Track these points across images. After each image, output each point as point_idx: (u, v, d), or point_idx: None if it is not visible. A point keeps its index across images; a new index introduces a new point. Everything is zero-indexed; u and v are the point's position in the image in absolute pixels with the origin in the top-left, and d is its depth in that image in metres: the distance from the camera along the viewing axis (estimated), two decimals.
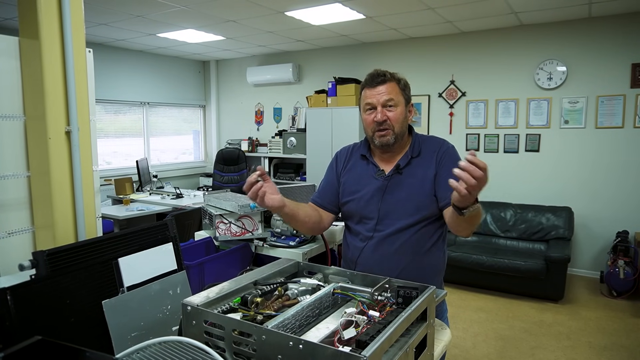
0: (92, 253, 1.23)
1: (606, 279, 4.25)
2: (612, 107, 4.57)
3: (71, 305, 1.14)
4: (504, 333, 3.52)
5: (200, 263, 1.77)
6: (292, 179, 6.46)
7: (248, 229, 2.15)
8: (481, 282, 4.40)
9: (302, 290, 1.27)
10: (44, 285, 1.09)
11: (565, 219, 4.59)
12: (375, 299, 1.20)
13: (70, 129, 1.60)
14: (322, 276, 1.41)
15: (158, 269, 1.39)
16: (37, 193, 1.61)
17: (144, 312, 1.29)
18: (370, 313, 1.10)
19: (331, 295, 1.22)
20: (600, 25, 4.55)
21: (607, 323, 3.67)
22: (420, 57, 5.58)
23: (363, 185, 1.67)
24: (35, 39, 1.53)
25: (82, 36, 1.59)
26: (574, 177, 4.81)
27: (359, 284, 1.33)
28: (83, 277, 1.18)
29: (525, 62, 4.95)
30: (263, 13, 4.42)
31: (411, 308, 1.09)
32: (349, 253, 1.72)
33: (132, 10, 4.37)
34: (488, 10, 4.32)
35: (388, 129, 1.59)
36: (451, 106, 5.44)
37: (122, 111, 6.44)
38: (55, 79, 1.55)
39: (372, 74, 1.64)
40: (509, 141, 5.12)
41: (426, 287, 1.21)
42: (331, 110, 5.75)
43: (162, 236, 1.46)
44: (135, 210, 4.55)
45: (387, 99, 1.59)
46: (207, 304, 1.11)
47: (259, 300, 1.16)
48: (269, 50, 6.51)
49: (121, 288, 1.27)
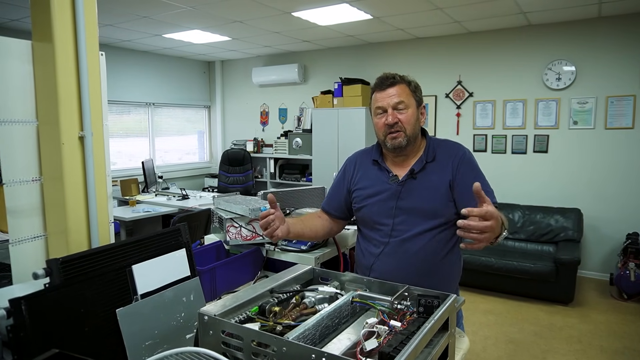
0: (106, 260, 1.21)
1: (616, 282, 4.21)
2: (622, 107, 4.52)
3: (86, 314, 1.12)
4: (514, 336, 3.48)
5: (212, 268, 1.74)
6: (298, 180, 6.44)
7: (259, 232, 2.12)
8: (490, 284, 4.36)
9: (319, 298, 1.24)
10: (59, 294, 1.07)
11: (574, 220, 4.55)
12: (395, 307, 1.17)
13: (84, 134, 1.58)
14: (339, 283, 1.38)
15: (172, 276, 1.37)
16: (50, 199, 1.58)
17: (158, 320, 1.27)
18: (392, 323, 1.07)
19: (350, 303, 1.20)
20: (610, 24, 4.50)
21: (618, 326, 3.63)
22: (427, 57, 5.54)
23: (376, 191, 1.64)
24: (49, 42, 1.50)
25: (95, 39, 1.56)
26: (583, 178, 4.77)
27: (377, 292, 1.30)
28: (97, 285, 1.16)
29: (533, 63, 4.91)
30: (270, 14, 4.39)
31: (434, 318, 1.06)
32: (363, 259, 1.69)
33: (138, 11, 4.36)
34: (497, 10, 4.28)
35: (400, 130, 1.56)
36: (458, 107, 5.40)
37: (127, 111, 6.43)
38: (69, 83, 1.52)
39: (382, 77, 1.62)
40: (517, 142, 5.08)
41: (447, 296, 1.19)
42: (337, 111, 5.73)
43: (175, 242, 1.44)
44: (141, 212, 4.53)
45: (398, 101, 1.56)
46: (224, 313, 1.08)
47: (277, 309, 1.13)
48: (275, 51, 6.49)
49: (135, 296, 1.25)
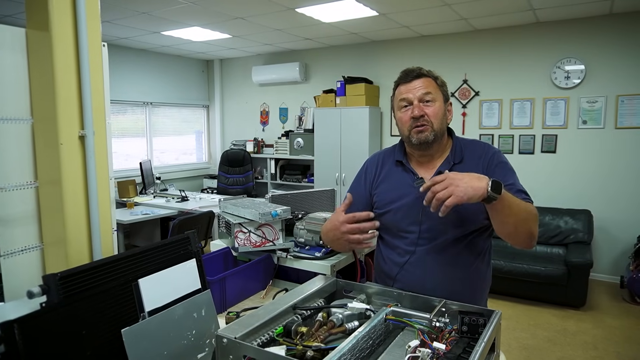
0: (110, 274, 1.08)
1: (629, 285, 4.10)
2: (633, 106, 4.42)
3: (88, 337, 0.99)
4: (527, 342, 3.37)
5: (221, 278, 1.62)
6: (299, 181, 6.31)
7: (269, 238, 2.00)
8: (500, 288, 4.23)
9: (347, 315, 1.12)
10: (57, 315, 0.94)
11: (584, 222, 4.45)
12: (434, 325, 1.06)
13: (85, 133, 1.42)
14: (365, 297, 1.26)
15: (181, 289, 1.24)
16: (46, 205, 1.43)
17: (168, 339, 1.14)
18: (434, 345, 0.95)
19: (383, 321, 1.08)
20: (622, 22, 4.39)
21: (633, 332, 3.52)
22: (431, 55, 5.42)
23: (401, 194, 1.52)
24: (46, 31, 1.34)
25: (97, 27, 1.39)
26: (593, 179, 4.67)
27: (408, 306, 1.18)
28: (100, 302, 1.03)
29: (541, 61, 4.80)
30: (273, 10, 4.26)
31: (484, 340, 0.94)
32: (385, 268, 1.57)
33: (138, 7, 4.22)
34: (506, 7, 4.17)
35: (426, 124, 1.45)
36: (464, 106, 5.28)
37: (124, 111, 6.28)
38: (69, 76, 1.35)
39: (406, 70, 1.53)
40: (524, 142, 4.97)
41: (492, 313, 1.07)
42: (340, 111, 5.60)
43: (184, 251, 1.31)
44: (140, 215, 4.40)
45: (425, 92, 1.46)
46: (244, 335, 0.96)
47: (304, 330, 1.01)
48: (275, 49, 6.36)
49: (142, 313, 1.12)
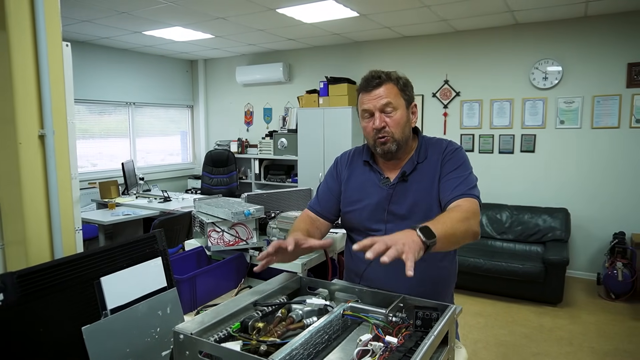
0: (70, 272, 1.09)
1: (604, 281, 4.19)
2: (608, 107, 4.51)
3: (46, 335, 1.00)
4: (505, 339, 3.43)
5: (191, 277, 1.63)
6: (283, 181, 6.33)
7: (242, 237, 2.01)
8: (478, 285, 4.30)
9: (307, 311, 1.14)
10: (14, 313, 0.95)
11: (562, 220, 4.53)
12: (390, 320, 1.08)
13: (45, 132, 1.42)
14: (328, 293, 1.29)
15: (146, 288, 1.25)
16: (5, 205, 1.43)
17: (131, 337, 1.15)
18: (387, 339, 0.98)
19: (341, 317, 1.10)
20: (596, 24, 4.49)
21: (608, 327, 3.60)
22: (413, 56, 5.48)
23: (367, 194, 1.55)
24: (2, 30, 1.34)
25: (57, 26, 1.40)
26: (570, 178, 4.76)
27: (369, 302, 1.21)
28: (60, 300, 1.04)
29: (520, 62, 4.88)
30: (254, 10, 4.27)
31: (434, 333, 0.97)
32: (352, 265, 1.60)
33: (117, 6, 4.20)
34: (485, 8, 4.23)
35: (387, 136, 1.47)
36: (445, 106, 5.35)
37: (107, 111, 6.24)
38: (27, 75, 1.35)
39: (367, 77, 1.50)
40: (504, 142, 5.05)
41: (446, 307, 1.10)
42: (323, 111, 5.63)
43: (150, 250, 1.32)
44: (121, 215, 4.37)
45: (385, 103, 1.46)
46: (201, 331, 0.98)
47: (260, 325, 1.03)
48: (259, 49, 6.36)
49: (104, 311, 1.13)
